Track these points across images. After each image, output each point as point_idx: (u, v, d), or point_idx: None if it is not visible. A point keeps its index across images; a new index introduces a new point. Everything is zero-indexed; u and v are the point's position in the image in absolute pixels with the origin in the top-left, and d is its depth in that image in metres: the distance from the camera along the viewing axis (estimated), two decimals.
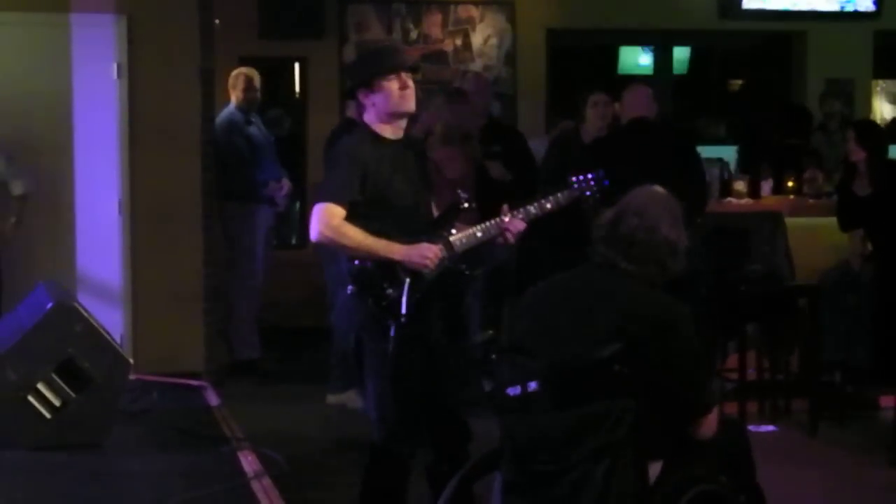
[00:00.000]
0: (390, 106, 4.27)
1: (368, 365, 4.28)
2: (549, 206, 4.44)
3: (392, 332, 4.13)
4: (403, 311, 4.12)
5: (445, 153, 6.12)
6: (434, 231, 4.29)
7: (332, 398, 6.97)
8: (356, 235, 4.14)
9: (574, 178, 4.53)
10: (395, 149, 4.31)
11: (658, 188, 3.62)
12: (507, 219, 4.33)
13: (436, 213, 4.47)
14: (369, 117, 4.34)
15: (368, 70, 4.34)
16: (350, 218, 4.17)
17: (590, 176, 4.55)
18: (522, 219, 4.35)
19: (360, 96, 4.33)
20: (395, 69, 4.28)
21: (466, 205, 4.37)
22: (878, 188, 6.58)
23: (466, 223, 4.39)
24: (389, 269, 4.17)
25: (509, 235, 4.34)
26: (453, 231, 4.31)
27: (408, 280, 4.16)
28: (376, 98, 4.27)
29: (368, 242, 4.15)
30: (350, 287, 4.19)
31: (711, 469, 3.55)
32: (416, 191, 4.34)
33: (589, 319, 3.36)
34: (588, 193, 4.54)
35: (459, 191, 4.44)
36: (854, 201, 6.68)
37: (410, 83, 4.29)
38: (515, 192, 6.75)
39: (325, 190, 4.24)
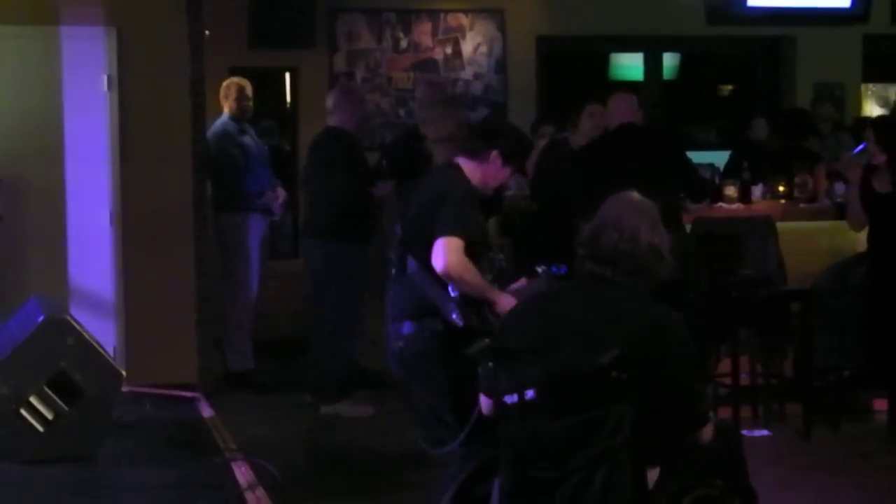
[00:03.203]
0: (491, 186, 4.66)
1: (459, 394, 4.30)
2: None
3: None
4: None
5: None
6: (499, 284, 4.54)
7: (326, 408, 6.97)
8: (475, 274, 4.36)
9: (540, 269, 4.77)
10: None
11: (631, 193, 3.61)
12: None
13: None
14: (471, 169, 4.57)
15: (522, 155, 4.81)
16: None
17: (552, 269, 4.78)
18: None
19: (495, 154, 4.58)
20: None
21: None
22: None
23: None
24: (480, 309, 4.39)
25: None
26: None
27: (493, 319, 4.36)
28: (499, 172, 4.62)
29: (482, 283, 4.40)
30: (456, 314, 4.35)
31: (708, 473, 3.56)
32: (486, 238, 4.64)
33: (584, 330, 3.36)
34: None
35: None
36: (873, 197, 6.58)
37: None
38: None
39: (452, 224, 4.36)
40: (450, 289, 4.36)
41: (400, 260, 4.57)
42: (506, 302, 4.38)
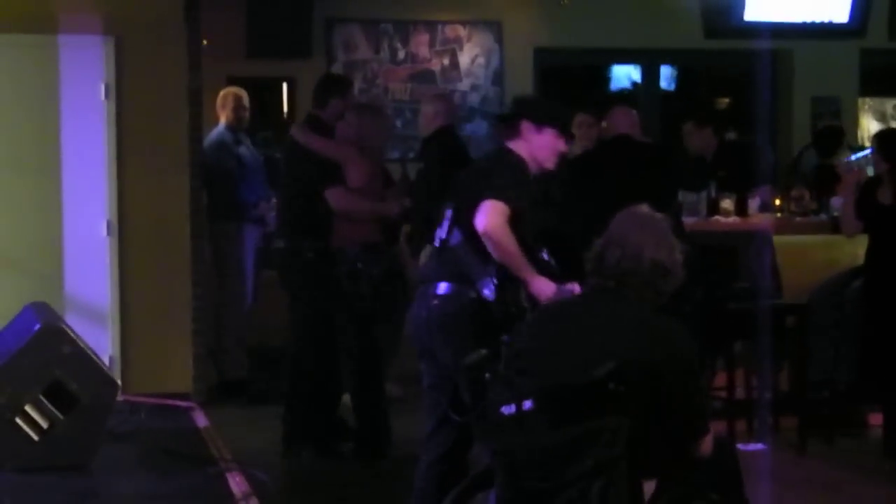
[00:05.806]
0: (546, 159, 4.58)
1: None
2: None
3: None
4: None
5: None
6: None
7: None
8: (514, 241, 4.32)
9: None
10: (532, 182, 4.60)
11: (640, 208, 3.63)
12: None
13: None
14: (517, 148, 4.56)
15: (559, 117, 4.64)
16: None
17: None
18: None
19: (525, 127, 4.54)
20: (570, 134, 4.72)
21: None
22: None
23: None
24: (517, 292, 4.38)
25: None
26: None
27: (528, 305, 4.36)
28: (541, 141, 4.55)
29: (519, 254, 4.35)
30: (489, 290, 4.34)
31: (704, 486, 3.56)
32: (532, 223, 4.56)
33: (583, 341, 3.37)
34: None
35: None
36: (876, 208, 6.54)
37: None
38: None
39: (501, 189, 4.35)
40: (489, 268, 4.35)
41: (442, 232, 4.56)
42: (541, 285, 4.36)
